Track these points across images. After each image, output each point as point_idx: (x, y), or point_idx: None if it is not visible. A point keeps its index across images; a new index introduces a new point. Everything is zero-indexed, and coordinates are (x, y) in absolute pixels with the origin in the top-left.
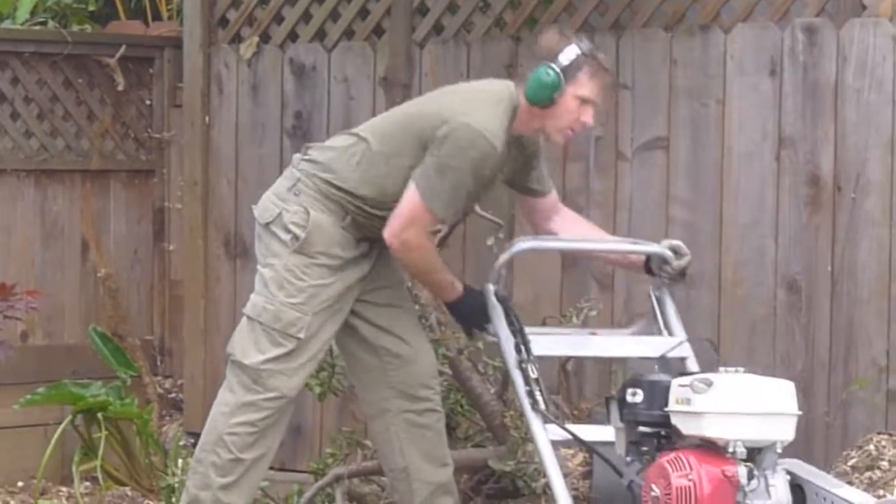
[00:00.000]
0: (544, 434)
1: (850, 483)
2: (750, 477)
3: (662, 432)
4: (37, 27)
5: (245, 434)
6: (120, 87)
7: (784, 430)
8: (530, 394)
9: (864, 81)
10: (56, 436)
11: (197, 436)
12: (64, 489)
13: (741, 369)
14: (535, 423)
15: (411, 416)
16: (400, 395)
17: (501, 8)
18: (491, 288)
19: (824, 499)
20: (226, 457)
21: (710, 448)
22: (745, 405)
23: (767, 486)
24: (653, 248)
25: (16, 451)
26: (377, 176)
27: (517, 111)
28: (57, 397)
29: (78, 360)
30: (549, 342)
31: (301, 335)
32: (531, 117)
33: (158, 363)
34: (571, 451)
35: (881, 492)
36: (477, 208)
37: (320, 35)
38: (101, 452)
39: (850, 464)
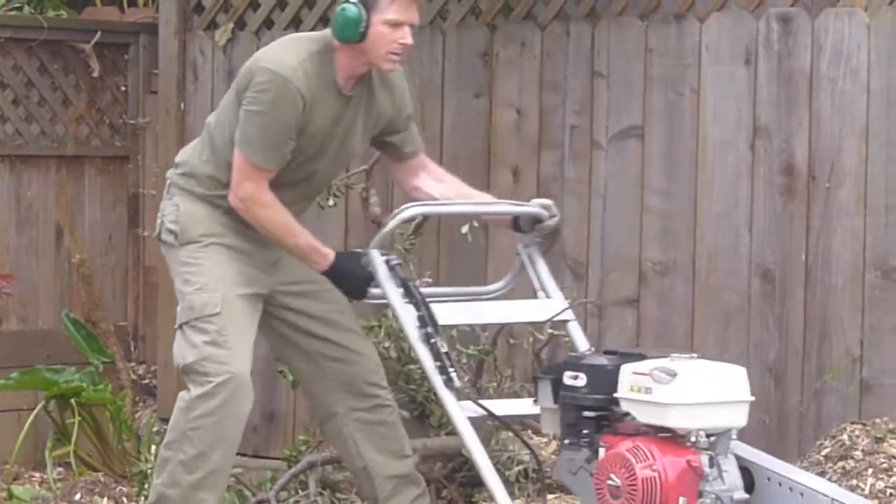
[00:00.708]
0: (461, 411)
1: (823, 473)
2: (711, 465)
3: (603, 416)
4: (12, 13)
5: (207, 426)
6: (95, 73)
7: (740, 417)
8: (442, 369)
9: (839, 70)
10: (29, 421)
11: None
12: (37, 474)
13: (695, 355)
14: (449, 400)
15: (362, 415)
16: (346, 396)
17: None
18: (378, 254)
19: (768, 479)
20: (191, 452)
21: (667, 436)
22: (706, 395)
23: (721, 471)
24: (528, 208)
25: None
26: (216, 150)
27: (336, 55)
28: (30, 383)
29: (52, 346)
30: (448, 311)
31: (217, 310)
32: (352, 56)
33: (132, 349)
34: (545, 440)
35: (854, 481)
36: None
37: (296, 22)
38: (74, 438)
39: (823, 453)
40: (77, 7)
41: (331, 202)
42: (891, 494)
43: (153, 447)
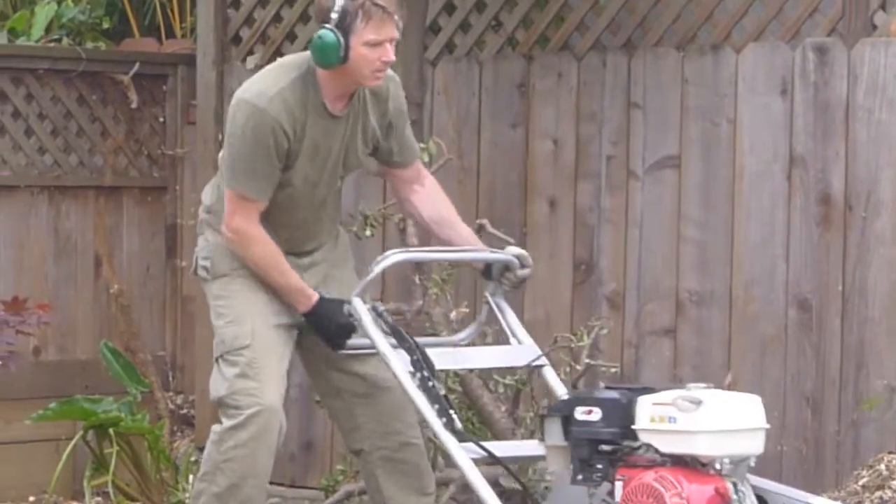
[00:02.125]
0: (464, 453)
1: (861, 503)
2: (735, 492)
3: (617, 450)
4: (51, 44)
5: (239, 457)
6: (133, 104)
7: (759, 444)
8: (441, 412)
9: (875, 100)
10: (67, 451)
11: None
12: None
13: (711, 385)
14: (451, 443)
15: (386, 453)
16: (372, 434)
17: (514, 27)
18: (361, 303)
19: None
20: (224, 484)
21: (689, 465)
22: (730, 422)
23: (742, 498)
24: (502, 256)
25: (27, 466)
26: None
27: (320, 78)
28: (69, 413)
29: (90, 376)
30: (436, 357)
31: (247, 342)
32: (337, 78)
33: (170, 379)
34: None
35: None
36: (488, 226)
37: None
38: (112, 468)
39: (860, 483)
40: (115, 39)
41: (368, 232)
42: None
43: (191, 477)
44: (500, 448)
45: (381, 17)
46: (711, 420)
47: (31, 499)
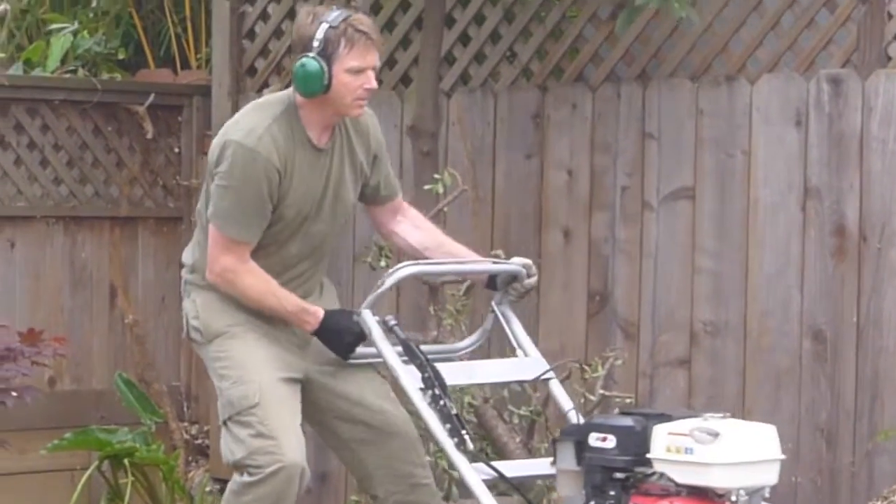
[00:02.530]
0: (475, 474)
1: None
2: None
3: (631, 477)
4: (67, 75)
5: None
6: (149, 135)
7: (773, 475)
8: (453, 432)
9: (890, 131)
10: (82, 481)
11: (224, 482)
12: None
13: (727, 414)
14: (462, 463)
15: (400, 497)
16: (383, 480)
17: (528, 58)
18: (370, 314)
19: None
20: None
21: (702, 494)
22: (746, 454)
23: None
24: (510, 266)
25: (42, 496)
26: (203, 238)
27: (303, 111)
28: (84, 443)
29: (106, 406)
30: (446, 372)
31: (256, 400)
32: (319, 108)
33: (185, 409)
34: None
35: None
36: (503, 257)
37: None
38: (127, 498)
39: None
40: (131, 69)
41: (382, 263)
42: None
43: None
44: (510, 467)
45: (365, 43)
46: (728, 452)
47: None
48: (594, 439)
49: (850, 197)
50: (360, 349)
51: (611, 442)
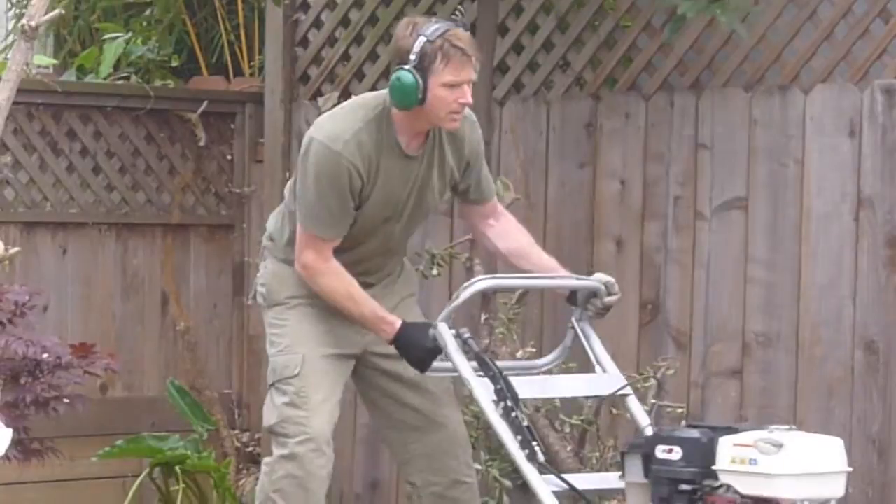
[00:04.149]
0: (545, 486)
1: None
2: None
3: (698, 489)
4: (120, 82)
5: (288, 488)
6: (201, 142)
7: (839, 488)
8: (524, 443)
9: None
10: (134, 488)
11: None
12: None
13: (793, 427)
14: (532, 475)
15: (437, 490)
16: (425, 469)
17: (581, 67)
18: (446, 327)
19: None
20: None
21: None
22: (811, 466)
23: None
24: (589, 282)
25: (95, 503)
26: (292, 217)
27: (396, 118)
28: (135, 451)
29: (157, 413)
30: (520, 385)
31: (296, 371)
32: (413, 118)
33: (236, 417)
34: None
35: None
36: None
37: None
38: None
39: None
40: (184, 77)
41: (434, 271)
42: None
43: None
44: (580, 480)
45: (461, 59)
46: (792, 463)
47: None
48: (661, 451)
49: None
50: (436, 363)
51: (677, 454)
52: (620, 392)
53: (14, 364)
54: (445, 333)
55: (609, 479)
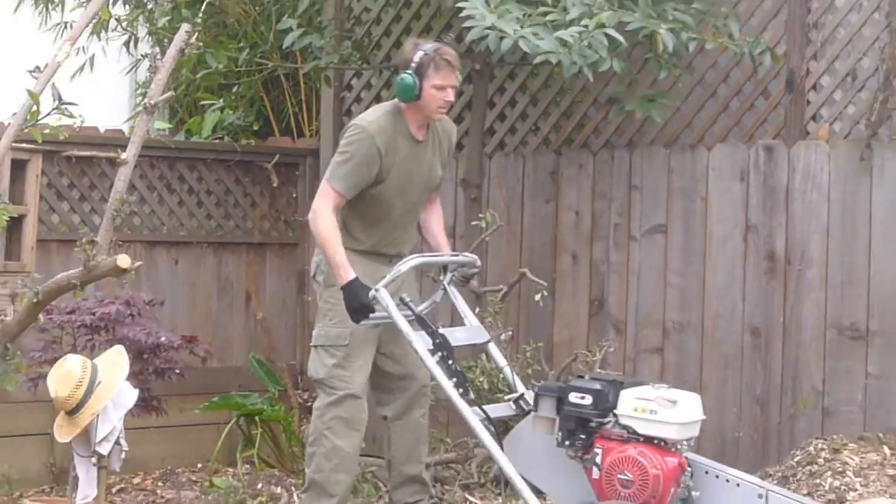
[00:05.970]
0: (474, 416)
1: (794, 474)
2: (688, 465)
3: (595, 425)
4: (216, 141)
5: (337, 426)
6: (274, 184)
7: (698, 429)
8: (458, 384)
9: (808, 185)
10: (225, 432)
11: None
12: (230, 470)
13: (666, 385)
14: (464, 408)
15: (400, 423)
16: (395, 408)
17: (548, 130)
18: (385, 292)
19: (706, 472)
20: (328, 445)
21: (654, 443)
22: (690, 416)
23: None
24: (462, 258)
25: (197, 443)
26: (341, 210)
27: (404, 113)
28: (226, 405)
29: (242, 378)
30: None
31: (346, 342)
32: (415, 111)
33: (299, 381)
34: None
35: (817, 481)
36: (528, 273)
37: None
38: (257, 444)
39: (795, 460)
40: (262, 136)
41: (441, 276)
42: (844, 490)
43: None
44: (492, 410)
45: (448, 68)
46: (680, 414)
47: (199, 466)
48: (574, 397)
49: (779, 232)
50: (373, 315)
51: (588, 400)
52: (487, 341)
53: (139, 346)
54: (385, 296)
55: (509, 409)
